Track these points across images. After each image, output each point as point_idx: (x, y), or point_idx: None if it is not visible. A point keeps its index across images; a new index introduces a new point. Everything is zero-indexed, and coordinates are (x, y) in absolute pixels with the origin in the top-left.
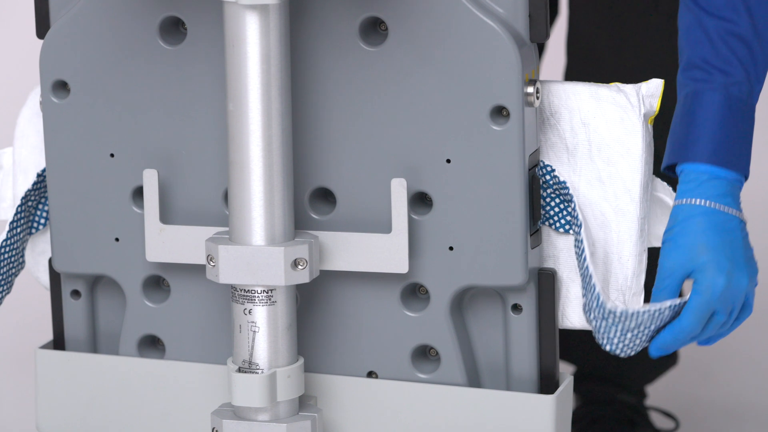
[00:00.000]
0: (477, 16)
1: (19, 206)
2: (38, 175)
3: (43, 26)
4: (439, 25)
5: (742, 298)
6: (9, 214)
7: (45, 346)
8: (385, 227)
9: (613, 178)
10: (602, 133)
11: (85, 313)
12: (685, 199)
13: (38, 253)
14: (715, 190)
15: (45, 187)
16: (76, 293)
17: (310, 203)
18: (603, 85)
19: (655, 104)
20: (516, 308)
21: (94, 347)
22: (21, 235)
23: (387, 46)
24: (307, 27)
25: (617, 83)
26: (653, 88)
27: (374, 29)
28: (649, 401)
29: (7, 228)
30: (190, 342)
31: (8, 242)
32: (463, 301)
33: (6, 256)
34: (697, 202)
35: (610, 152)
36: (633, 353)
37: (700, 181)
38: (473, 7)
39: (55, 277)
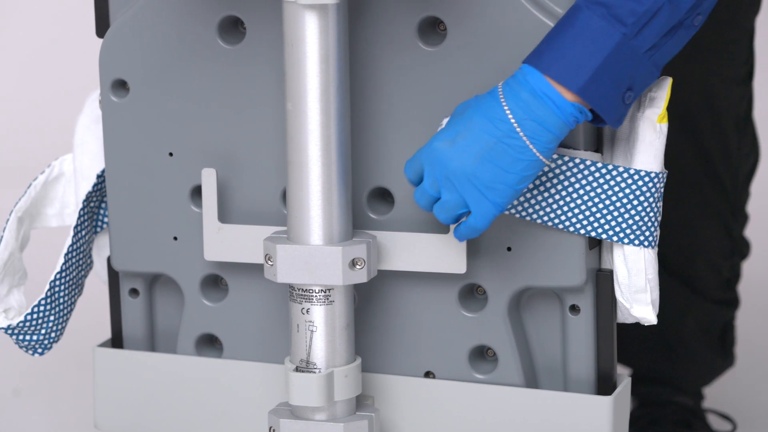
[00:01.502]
0: (535, 16)
1: (81, 209)
2: (98, 176)
3: (102, 25)
4: (498, 25)
5: (460, 182)
6: (73, 220)
7: (103, 345)
8: (443, 227)
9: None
10: (610, 130)
11: (143, 311)
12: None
13: (102, 252)
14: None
15: (106, 188)
16: (134, 292)
17: (368, 203)
18: None
19: (662, 103)
20: (574, 309)
21: (151, 346)
22: (86, 237)
23: (445, 46)
24: (366, 27)
25: None
26: (660, 86)
27: (433, 29)
28: (706, 403)
29: (72, 233)
30: (248, 341)
31: (74, 246)
32: (520, 301)
33: (74, 260)
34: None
35: (618, 149)
36: None
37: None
38: (532, 7)
39: (113, 276)
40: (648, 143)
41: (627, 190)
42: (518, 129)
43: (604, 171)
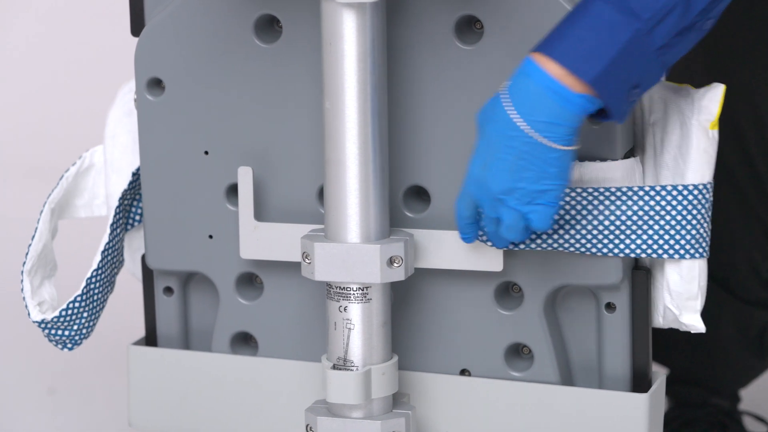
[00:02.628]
0: None
1: (117, 207)
2: (133, 174)
3: (137, 24)
4: (535, 24)
5: (509, 200)
6: (102, 211)
7: (137, 343)
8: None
9: (669, 182)
10: (663, 136)
11: (178, 309)
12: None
13: (134, 250)
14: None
15: (140, 185)
16: (169, 290)
17: (405, 201)
18: (672, 86)
19: (715, 110)
20: (610, 307)
21: (186, 344)
22: (121, 235)
23: (482, 45)
24: (403, 25)
25: (688, 85)
26: (714, 93)
27: (469, 28)
28: (743, 405)
29: (108, 230)
30: (284, 339)
31: (110, 244)
32: (556, 299)
33: (109, 258)
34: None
35: (667, 157)
36: None
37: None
38: (568, 5)
39: (148, 274)
40: (702, 151)
41: (679, 207)
42: (532, 133)
43: (653, 194)
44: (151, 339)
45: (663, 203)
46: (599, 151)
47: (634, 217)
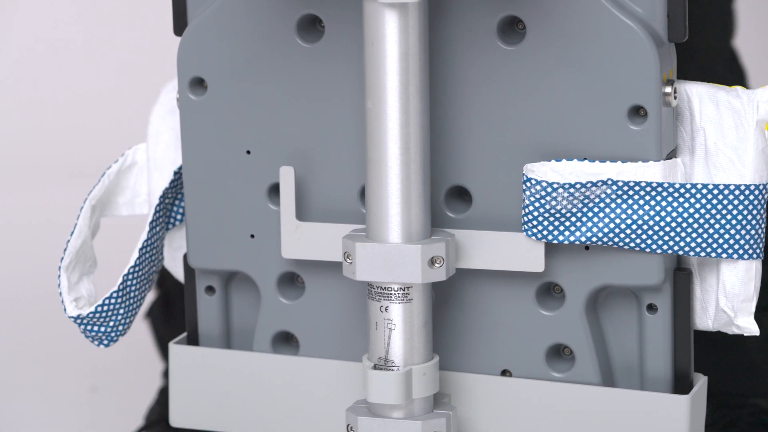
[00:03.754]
0: (616, 16)
1: (157, 205)
2: (175, 173)
3: (180, 24)
4: (578, 24)
5: None
6: (144, 209)
7: (179, 341)
8: (521, 226)
9: (725, 182)
10: (716, 138)
11: (219, 308)
12: None
13: (174, 248)
14: None
15: (181, 184)
16: (210, 289)
17: (446, 201)
18: (723, 87)
19: None
20: (651, 308)
21: (227, 343)
22: (160, 233)
23: (525, 45)
24: (445, 25)
25: (738, 87)
26: None
27: (512, 28)
28: None
29: (147, 228)
30: (325, 339)
31: (149, 241)
32: (598, 299)
33: (147, 255)
34: None
35: (722, 158)
36: None
37: None
38: (612, 7)
39: (189, 273)
40: (760, 151)
41: (740, 207)
42: None
43: (708, 193)
44: (192, 338)
45: (725, 202)
46: (639, 152)
47: (685, 215)
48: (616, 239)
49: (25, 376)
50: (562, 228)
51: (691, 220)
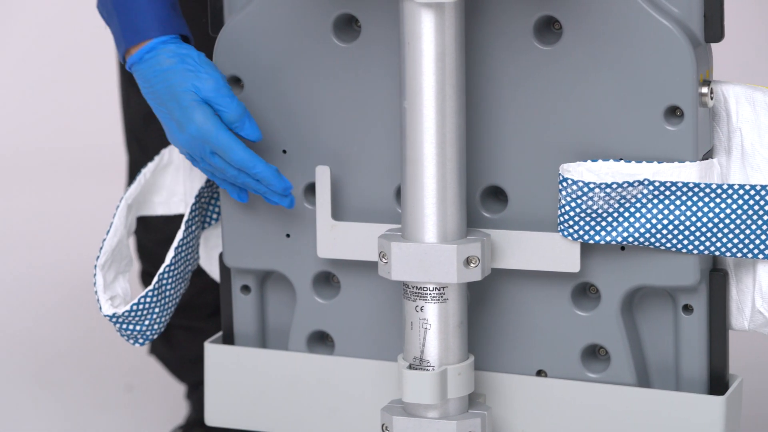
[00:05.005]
0: (652, 16)
1: (193, 204)
2: None
3: (216, 23)
4: (614, 25)
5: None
6: (180, 208)
7: (214, 341)
8: (557, 226)
9: (762, 183)
10: (753, 139)
11: (255, 308)
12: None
13: (210, 248)
14: None
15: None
16: (246, 288)
17: (482, 201)
18: (760, 88)
19: None
20: (687, 309)
21: (263, 342)
22: (196, 232)
23: (561, 46)
24: (482, 25)
25: None
26: None
27: (548, 28)
28: None
29: (183, 227)
30: (360, 338)
31: (185, 240)
32: (633, 300)
33: (183, 254)
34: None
35: (759, 159)
36: None
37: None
38: (648, 7)
39: (225, 273)
40: None
41: None
42: None
43: (745, 195)
44: (228, 337)
45: (762, 203)
46: (675, 153)
47: (721, 215)
48: (652, 239)
49: (61, 375)
50: (598, 228)
51: (727, 221)
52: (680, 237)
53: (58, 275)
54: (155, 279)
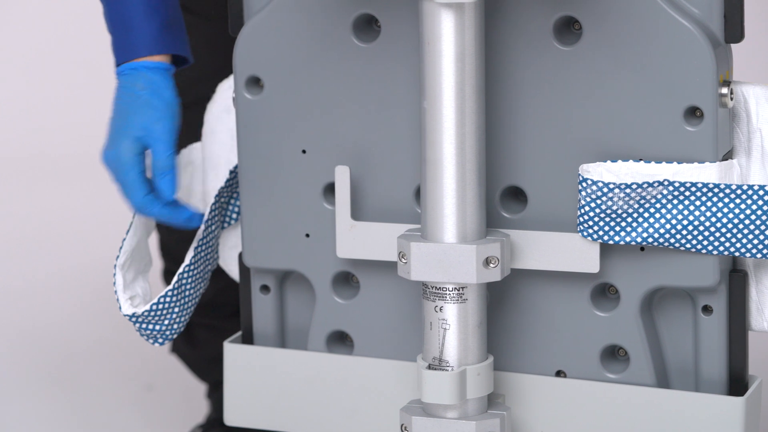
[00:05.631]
0: (672, 17)
1: (213, 204)
2: (230, 172)
3: (236, 23)
4: (634, 25)
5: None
6: (199, 207)
7: (234, 340)
8: (576, 227)
9: None
10: (747, 139)
11: (274, 308)
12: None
13: (229, 247)
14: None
15: (237, 183)
16: (265, 288)
17: (501, 202)
18: None
19: None
20: (706, 309)
21: (282, 342)
22: (216, 232)
23: (581, 46)
24: (501, 25)
25: None
26: None
27: (568, 29)
28: None
29: (203, 226)
30: (379, 338)
31: (204, 240)
32: (652, 301)
33: (203, 253)
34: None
35: None
36: None
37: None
38: (668, 7)
39: (244, 272)
40: None
41: None
42: None
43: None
44: (247, 337)
45: None
46: (695, 153)
47: (741, 216)
48: (672, 240)
49: (82, 374)
50: (617, 228)
51: (747, 222)
52: (700, 238)
53: (78, 275)
54: (175, 278)
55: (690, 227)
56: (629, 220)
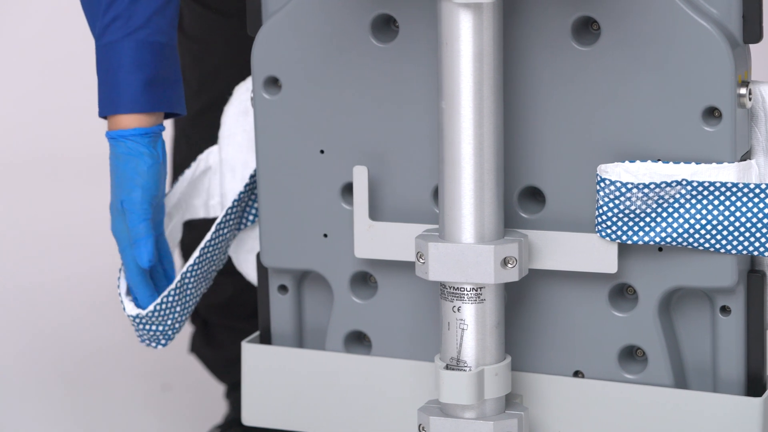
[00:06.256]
0: (690, 17)
1: (230, 207)
2: (251, 177)
3: (255, 23)
4: (652, 25)
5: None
6: (218, 212)
7: (252, 340)
8: (594, 227)
9: None
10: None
11: (292, 308)
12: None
13: (247, 251)
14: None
15: (255, 185)
16: (283, 288)
17: (519, 202)
18: None
19: None
20: (724, 310)
21: (300, 342)
22: (227, 236)
23: (599, 46)
24: (520, 26)
25: None
26: None
27: (586, 29)
28: None
29: (213, 228)
30: (397, 338)
31: (213, 242)
32: (670, 301)
33: (208, 255)
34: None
35: None
36: None
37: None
38: (686, 8)
39: (263, 272)
40: None
41: None
42: None
43: None
44: (265, 337)
45: None
46: (713, 153)
47: (760, 215)
48: (690, 240)
49: (99, 374)
50: (636, 228)
51: (765, 221)
52: (718, 237)
53: (94, 276)
54: (178, 277)
55: (708, 227)
56: (647, 220)
